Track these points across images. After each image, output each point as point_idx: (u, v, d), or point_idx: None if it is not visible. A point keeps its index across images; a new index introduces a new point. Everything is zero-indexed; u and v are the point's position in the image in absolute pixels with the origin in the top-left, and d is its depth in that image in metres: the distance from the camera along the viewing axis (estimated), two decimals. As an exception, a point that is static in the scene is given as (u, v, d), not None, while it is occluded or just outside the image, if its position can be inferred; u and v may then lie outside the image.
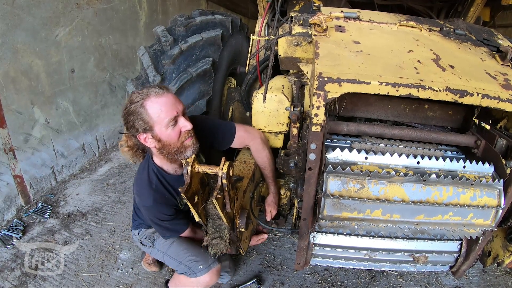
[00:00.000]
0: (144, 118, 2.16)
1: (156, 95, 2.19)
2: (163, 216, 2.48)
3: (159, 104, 2.18)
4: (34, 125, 4.33)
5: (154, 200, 2.39)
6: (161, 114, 2.17)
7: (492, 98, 1.70)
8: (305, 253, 2.31)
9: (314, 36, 2.18)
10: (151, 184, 2.43)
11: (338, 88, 1.66)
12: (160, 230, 2.62)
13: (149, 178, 2.45)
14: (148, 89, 2.22)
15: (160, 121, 2.18)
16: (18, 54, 3.96)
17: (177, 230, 2.62)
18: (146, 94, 2.18)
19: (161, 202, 2.42)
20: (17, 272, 3.36)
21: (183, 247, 2.68)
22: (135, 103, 2.17)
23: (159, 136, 2.23)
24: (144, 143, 2.28)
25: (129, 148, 2.48)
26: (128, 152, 2.50)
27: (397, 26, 2.51)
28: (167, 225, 2.54)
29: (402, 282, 3.39)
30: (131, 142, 2.45)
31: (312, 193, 1.95)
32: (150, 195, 2.40)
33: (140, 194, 2.48)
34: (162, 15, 6.88)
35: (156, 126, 2.19)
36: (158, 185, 2.44)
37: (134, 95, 2.21)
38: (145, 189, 2.43)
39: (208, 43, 3.39)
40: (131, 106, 2.18)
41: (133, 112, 2.17)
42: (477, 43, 2.48)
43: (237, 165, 2.86)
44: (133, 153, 2.51)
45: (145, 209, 2.48)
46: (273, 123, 2.79)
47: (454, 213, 1.91)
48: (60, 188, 4.75)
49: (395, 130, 2.08)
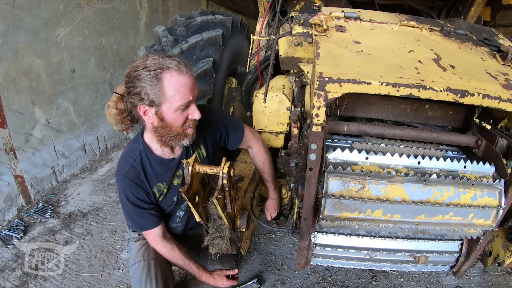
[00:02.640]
0: (155, 90, 1.95)
1: (178, 71, 1.97)
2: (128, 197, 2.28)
3: (178, 83, 1.97)
4: (35, 125, 4.33)
5: (124, 175, 2.24)
6: (176, 94, 1.98)
7: (493, 98, 1.70)
8: (305, 253, 2.31)
9: (314, 36, 2.17)
10: (131, 157, 2.27)
11: (338, 88, 1.66)
12: (124, 212, 2.44)
13: (132, 151, 2.30)
14: (169, 60, 1.98)
15: (172, 101, 1.99)
16: (18, 54, 3.96)
17: (141, 224, 2.40)
18: (166, 65, 1.96)
19: (131, 181, 2.25)
20: (18, 272, 3.36)
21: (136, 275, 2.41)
22: (151, 70, 1.93)
23: (163, 115, 2.04)
24: (142, 115, 2.06)
25: (118, 111, 2.17)
26: (115, 116, 2.18)
27: (398, 26, 2.51)
28: (130, 211, 2.33)
29: (403, 282, 3.39)
30: (122, 106, 2.16)
31: (312, 193, 1.95)
32: (125, 168, 2.25)
33: (118, 164, 2.33)
34: (162, 15, 6.89)
35: (165, 104, 2.00)
36: (137, 161, 2.27)
37: (151, 60, 1.96)
38: (123, 160, 2.29)
39: (209, 43, 3.39)
40: (143, 71, 1.95)
41: (144, 78, 1.94)
42: (477, 43, 2.48)
43: (237, 165, 2.86)
44: (120, 118, 2.20)
45: (117, 181, 2.30)
46: (273, 123, 2.79)
47: (455, 213, 1.91)
48: (61, 188, 4.75)
49: (396, 130, 2.08)
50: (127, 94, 2.05)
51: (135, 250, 2.55)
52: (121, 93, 2.15)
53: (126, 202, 2.30)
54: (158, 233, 2.43)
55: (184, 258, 2.56)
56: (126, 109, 2.18)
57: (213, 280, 2.70)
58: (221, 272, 2.77)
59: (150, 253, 2.50)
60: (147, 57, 2.01)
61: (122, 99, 2.16)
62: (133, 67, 2.00)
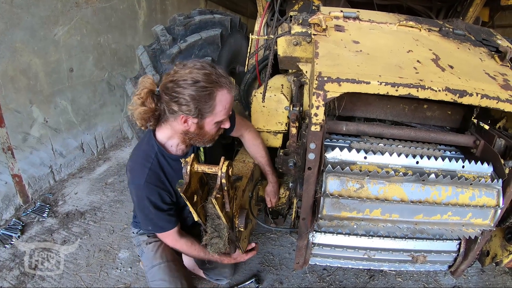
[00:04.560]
0: (206, 106, 2.02)
1: (229, 90, 2.08)
2: (152, 202, 2.22)
3: (227, 101, 2.10)
4: (33, 124, 4.33)
5: (146, 180, 2.17)
6: (223, 110, 2.09)
7: (491, 98, 1.70)
8: (304, 252, 2.31)
9: (313, 35, 2.17)
10: (148, 161, 2.22)
11: (337, 87, 1.66)
12: (143, 218, 2.37)
13: (147, 155, 2.24)
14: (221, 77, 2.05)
15: (217, 115, 2.10)
16: (16, 53, 3.95)
17: (162, 226, 2.36)
18: (220, 83, 2.03)
19: (154, 185, 2.20)
20: (16, 271, 3.36)
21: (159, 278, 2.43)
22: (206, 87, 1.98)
23: (203, 125, 2.12)
24: (179, 121, 2.07)
25: (147, 109, 2.10)
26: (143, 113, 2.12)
27: (397, 26, 2.51)
28: (152, 215, 2.28)
29: (401, 282, 3.40)
30: (152, 104, 2.11)
31: (311, 192, 1.96)
32: (144, 173, 2.18)
33: (132, 170, 2.26)
34: (161, 14, 6.88)
35: (210, 117, 2.09)
36: (155, 164, 2.23)
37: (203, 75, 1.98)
38: (139, 165, 2.23)
39: (207, 42, 3.39)
40: (195, 86, 1.97)
41: (196, 94, 1.97)
42: (476, 43, 2.48)
43: (236, 164, 2.86)
44: (148, 116, 2.15)
45: (134, 187, 2.22)
46: (272, 122, 2.78)
47: (453, 213, 1.91)
48: (59, 188, 4.75)
49: (394, 130, 2.08)
50: (169, 98, 2.03)
51: (150, 252, 2.53)
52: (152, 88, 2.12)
53: (149, 207, 2.24)
54: (176, 232, 2.41)
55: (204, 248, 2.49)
56: (157, 108, 2.14)
57: (235, 259, 2.69)
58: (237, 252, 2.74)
59: (168, 254, 2.50)
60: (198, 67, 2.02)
61: (152, 96, 2.12)
62: (182, 75, 2.00)
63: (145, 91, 2.08)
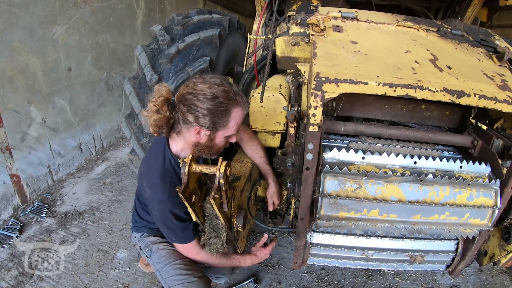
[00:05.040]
0: (221, 121, 2.09)
1: (243, 108, 2.18)
2: (175, 215, 2.23)
3: (239, 118, 2.18)
4: (31, 124, 4.32)
5: (170, 195, 2.16)
6: (235, 126, 2.18)
7: (489, 98, 1.71)
8: (302, 252, 2.31)
9: (311, 36, 2.18)
10: (167, 176, 2.21)
11: (335, 88, 1.66)
12: (167, 232, 2.38)
13: (165, 169, 2.22)
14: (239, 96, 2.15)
15: (228, 130, 2.17)
16: (15, 53, 3.95)
17: (185, 237, 2.35)
18: (238, 101, 2.13)
19: (177, 198, 2.12)
20: (14, 271, 3.35)
21: (176, 272, 2.41)
22: (224, 103, 2.05)
23: (214, 138, 2.19)
24: (192, 132, 2.11)
25: (162, 117, 2.11)
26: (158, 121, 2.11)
27: (395, 27, 2.51)
28: (174, 227, 2.29)
29: (399, 282, 3.40)
30: (167, 112, 2.11)
31: (309, 192, 1.96)
32: (166, 188, 2.17)
33: (152, 186, 2.23)
34: (159, 14, 6.87)
35: (221, 131, 2.16)
36: (174, 177, 2.22)
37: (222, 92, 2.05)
38: (159, 181, 2.19)
39: (206, 42, 3.39)
40: (214, 101, 2.03)
41: (214, 109, 2.03)
42: (474, 43, 2.49)
43: (234, 164, 2.86)
44: (162, 124, 2.14)
45: (158, 203, 2.22)
46: (270, 122, 2.79)
47: (451, 213, 1.92)
48: (57, 187, 4.74)
49: (392, 130, 2.08)
50: (186, 109, 2.06)
51: (162, 251, 2.54)
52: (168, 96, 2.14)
53: (173, 220, 2.24)
54: (197, 243, 2.40)
55: (225, 255, 2.55)
56: (171, 116, 2.16)
57: (257, 258, 2.69)
58: (257, 247, 2.75)
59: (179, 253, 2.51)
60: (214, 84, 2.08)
61: (168, 105, 2.13)
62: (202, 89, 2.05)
63: (161, 99, 2.09)
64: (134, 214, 2.72)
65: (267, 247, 2.73)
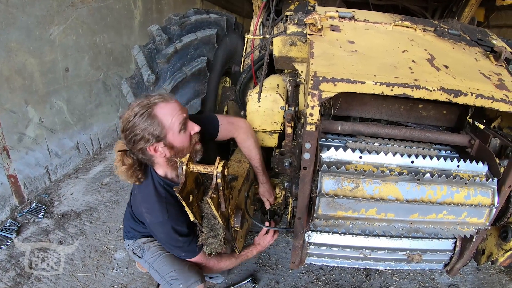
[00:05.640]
0: (155, 127, 2.07)
1: (164, 101, 2.13)
2: (179, 232, 2.32)
3: (170, 109, 2.12)
4: (28, 124, 4.31)
5: (168, 213, 2.26)
6: (173, 119, 2.11)
7: (486, 98, 1.71)
8: (300, 252, 2.31)
9: (309, 35, 2.17)
10: (161, 197, 2.29)
11: (332, 87, 1.66)
12: (176, 250, 2.47)
13: (157, 192, 2.31)
14: (152, 98, 2.13)
15: (173, 126, 2.12)
16: (12, 53, 3.93)
17: (193, 250, 2.42)
18: (153, 102, 2.10)
19: (176, 215, 2.28)
20: (12, 272, 3.34)
21: (168, 261, 2.53)
22: (143, 113, 2.06)
23: (172, 143, 2.15)
24: (153, 153, 2.16)
25: (127, 166, 2.25)
26: (127, 171, 2.26)
27: (392, 26, 2.51)
28: (181, 243, 2.38)
29: (397, 281, 3.41)
30: (130, 160, 2.25)
31: (306, 192, 1.96)
32: (163, 209, 2.26)
33: (151, 210, 2.32)
34: (157, 14, 6.86)
35: (169, 133, 2.12)
36: (168, 197, 2.30)
37: (137, 107, 2.09)
38: (155, 204, 2.28)
39: (203, 42, 3.38)
40: (137, 117, 2.06)
41: (141, 122, 2.05)
42: (471, 43, 2.49)
43: (231, 164, 2.86)
44: (132, 172, 2.27)
45: (159, 225, 2.31)
46: (267, 122, 2.78)
47: (448, 212, 1.92)
48: (55, 188, 4.73)
49: (390, 129, 2.09)
50: (132, 144, 2.13)
51: (153, 248, 2.63)
52: (123, 148, 2.25)
53: (177, 237, 2.33)
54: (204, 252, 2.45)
55: (232, 256, 2.68)
56: (134, 161, 2.26)
57: (261, 247, 2.83)
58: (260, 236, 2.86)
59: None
60: (132, 106, 2.13)
61: (126, 154, 2.25)
62: (125, 120, 2.11)
63: (119, 153, 2.25)
64: (127, 224, 2.76)
65: (269, 233, 2.83)
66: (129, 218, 2.68)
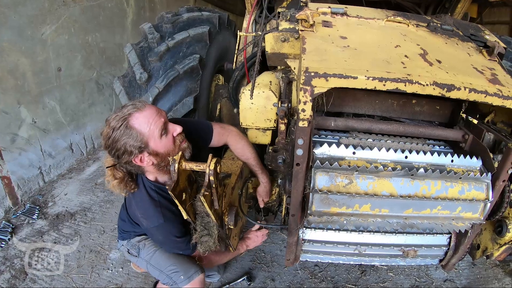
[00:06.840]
0: (135, 137, 2.06)
1: (138, 110, 2.10)
2: (176, 232, 2.37)
3: (145, 117, 2.09)
4: (21, 125, 4.28)
5: (164, 217, 2.29)
6: (151, 126, 2.09)
7: (479, 92, 1.70)
8: (294, 249, 2.31)
9: (301, 31, 2.16)
10: (155, 201, 2.31)
11: (325, 83, 1.65)
12: (175, 250, 2.53)
13: (150, 197, 2.32)
14: (125, 109, 2.12)
15: (152, 134, 2.10)
16: (3, 53, 3.91)
17: (191, 248, 2.45)
18: (127, 113, 2.08)
19: (171, 217, 2.31)
20: (7, 274, 3.33)
21: (165, 256, 2.56)
22: (119, 127, 2.06)
23: (156, 150, 2.14)
24: (140, 164, 2.16)
25: (119, 180, 2.27)
26: (119, 185, 2.29)
27: (384, 22, 2.51)
28: (180, 243, 2.43)
29: (392, 276, 3.41)
30: (120, 173, 2.28)
31: (300, 188, 1.95)
32: (158, 213, 2.29)
33: (146, 216, 2.34)
34: (149, 12, 6.84)
35: (151, 141, 2.10)
36: (161, 200, 2.32)
37: (113, 121, 2.09)
38: (150, 209, 2.31)
39: (195, 40, 3.37)
40: (115, 132, 2.06)
41: (120, 136, 2.05)
42: (464, 38, 2.49)
43: (225, 162, 2.85)
44: (124, 184, 2.30)
45: (156, 229, 2.35)
46: (260, 119, 2.77)
47: (443, 207, 1.92)
48: (48, 189, 4.71)
49: (383, 125, 2.08)
50: (117, 159, 2.16)
51: (148, 244, 2.65)
52: (112, 163, 2.27)
53: (175, 239, 2.40)
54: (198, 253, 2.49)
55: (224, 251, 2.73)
56: (124, 173, 2.29)
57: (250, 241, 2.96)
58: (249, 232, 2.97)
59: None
60: (108, 121, 2.14)
61: (116, 168, 2.27)
62: (105, 136, 2.12)
63: (109, 168, 2.28)
64: (121, 225, 2.76)
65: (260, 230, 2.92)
66: (125, 220, 2.67)
